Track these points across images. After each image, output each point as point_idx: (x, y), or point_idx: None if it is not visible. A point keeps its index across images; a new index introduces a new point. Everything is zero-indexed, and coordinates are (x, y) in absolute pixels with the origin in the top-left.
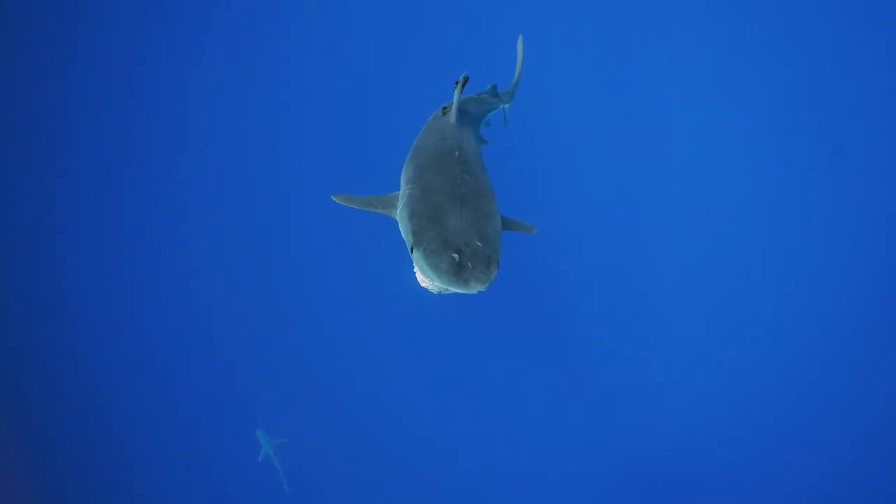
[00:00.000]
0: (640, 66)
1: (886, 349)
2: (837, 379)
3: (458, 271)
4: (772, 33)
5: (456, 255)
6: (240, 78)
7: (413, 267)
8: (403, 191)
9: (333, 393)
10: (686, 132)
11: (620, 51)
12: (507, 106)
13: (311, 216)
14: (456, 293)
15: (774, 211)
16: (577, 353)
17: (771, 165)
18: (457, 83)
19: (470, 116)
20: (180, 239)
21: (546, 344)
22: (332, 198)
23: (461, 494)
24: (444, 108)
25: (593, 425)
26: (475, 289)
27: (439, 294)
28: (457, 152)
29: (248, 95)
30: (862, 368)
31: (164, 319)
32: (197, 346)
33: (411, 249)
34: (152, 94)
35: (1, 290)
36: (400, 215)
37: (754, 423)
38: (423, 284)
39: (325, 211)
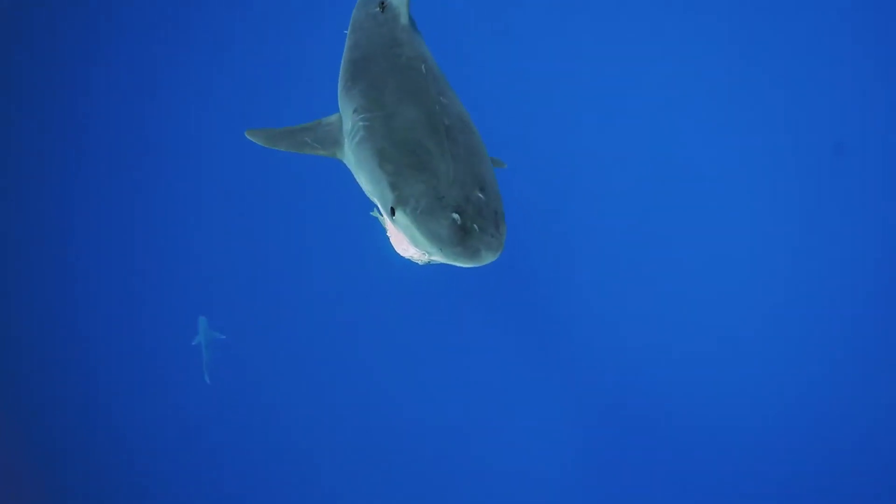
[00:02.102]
0: (639, 64)
1: (887, 349)
2: (838, 379)
3: (463, 238)
4: (771, 31)
5: (457, 217)
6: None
7: (384, 229)
8: (354, 121)
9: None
10: (685, 131)
11: (619, 48)
12: None
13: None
14: (451, 265)
15: (773, 210)
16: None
17: (770, 165)
18: None
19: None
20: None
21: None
22: (247, 135)
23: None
24: (383, 2)
25: (591, 424)
26: (486, 259)
27: (426, 265)
28: (422, 66)
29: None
30: (862, 369)
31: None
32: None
33: (392, 210)
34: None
35: (1, 289)
36: (357, 156)
37: (755, 424)
38: (403, 254)
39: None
